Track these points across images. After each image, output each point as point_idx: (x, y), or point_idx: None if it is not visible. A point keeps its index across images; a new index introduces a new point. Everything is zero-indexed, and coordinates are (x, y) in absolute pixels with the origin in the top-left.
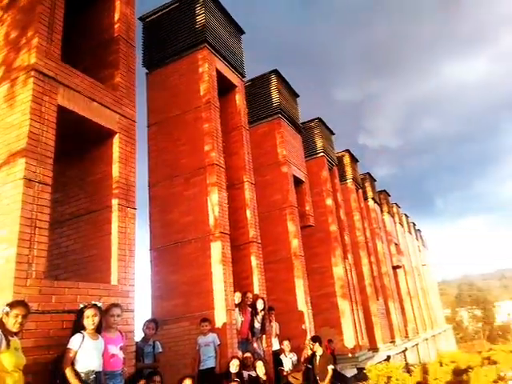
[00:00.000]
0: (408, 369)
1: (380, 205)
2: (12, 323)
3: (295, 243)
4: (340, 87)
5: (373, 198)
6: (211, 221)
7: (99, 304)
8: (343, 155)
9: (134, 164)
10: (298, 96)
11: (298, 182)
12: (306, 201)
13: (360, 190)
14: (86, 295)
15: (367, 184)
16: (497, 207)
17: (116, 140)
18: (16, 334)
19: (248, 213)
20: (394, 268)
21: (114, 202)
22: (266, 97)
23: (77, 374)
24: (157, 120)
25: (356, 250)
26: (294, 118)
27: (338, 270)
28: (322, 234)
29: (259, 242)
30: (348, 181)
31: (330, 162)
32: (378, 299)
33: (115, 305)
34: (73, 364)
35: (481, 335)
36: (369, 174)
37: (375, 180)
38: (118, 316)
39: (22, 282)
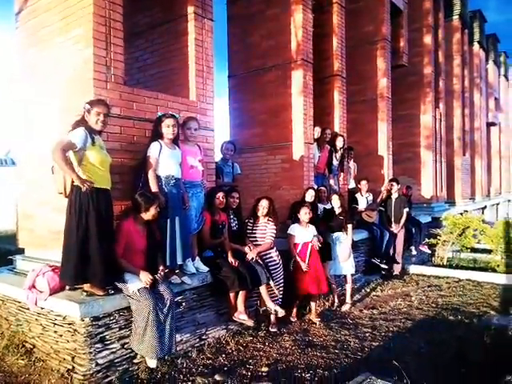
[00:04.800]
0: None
1: (486, 51)
2: (94, 121)
3: (383, 83)
4: None
5: (479, 42)
6: (293, 46)
7: (177, 116)
8: None
9: None
10: None
11: (395, 11)
12: (402, 35)
13: (466, 31)
14: (166, 107)
15: (475, 24)
16: None
17: None
18: (99, 133)
19: (334, 42)
20: (489, 125)
21: (190, 9)
22: None
23: (157, 178)
24: None
25: (450, 99)
26: None
27: (426, 119)
28: (413, 78)
29: (344, 76)
30: (454, 17)
31: None
32: (464, 154)
33: (192, 118)
34: (154, 170)
35: None
36: (479, 11)
37: (485, 21)
38: (195, 130)
39: (102, 84)
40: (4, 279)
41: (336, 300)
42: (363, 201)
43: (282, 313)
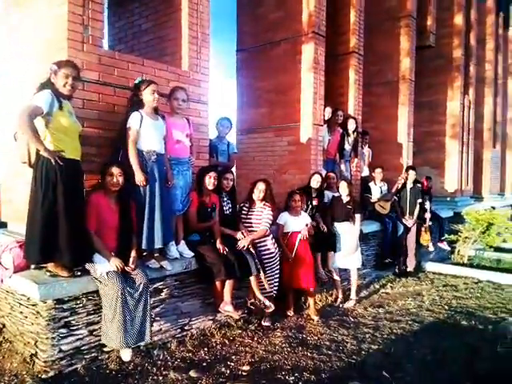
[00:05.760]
0: None
1: None
2: (61, 84)
3: (406, 64)
4: None
5: None
6: (304, 17)
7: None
8: None
9: None
10: None
11: None
12: (429, 13)
13: (501, 14)
14: (153, 75)
15: None
16: None
17: None
18: (69, 98)
19: (352, 15)
20: None
21: None
22: None
23: (138, 152)
24: None
25: (481, 86)
26: None
27: (453, 106)
28: (441, 61)
29: (361, 53)
30: None
31: None
32: (494, 147)
33: (179, 87)
34: (135, 143)
35: None
36: None
37: None
38: (184, 101)
39: (78, 45)
40: None
41: (340, 295)
42: (377, 190)
43: (270, 307)
